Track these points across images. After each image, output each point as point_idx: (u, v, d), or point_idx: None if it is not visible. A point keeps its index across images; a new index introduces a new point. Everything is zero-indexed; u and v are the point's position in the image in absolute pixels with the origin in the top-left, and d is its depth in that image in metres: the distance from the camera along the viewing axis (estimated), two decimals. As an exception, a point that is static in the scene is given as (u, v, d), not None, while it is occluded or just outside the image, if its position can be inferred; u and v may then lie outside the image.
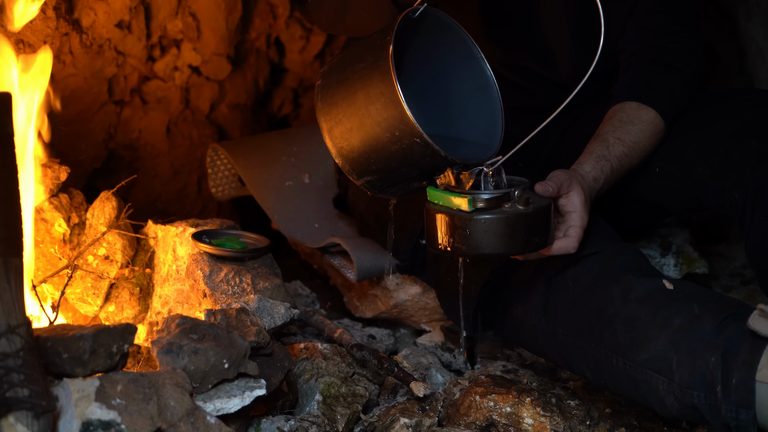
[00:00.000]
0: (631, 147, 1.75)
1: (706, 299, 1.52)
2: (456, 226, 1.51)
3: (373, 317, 2.21)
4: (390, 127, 1.46)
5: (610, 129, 1.77)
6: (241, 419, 1.52)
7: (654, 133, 1.80)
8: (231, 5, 2.61)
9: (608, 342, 1.56)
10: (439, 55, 1.62)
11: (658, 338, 1.49)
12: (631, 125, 1.78)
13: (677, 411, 1.49)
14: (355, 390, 1.73)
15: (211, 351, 1.46)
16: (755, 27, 2.38)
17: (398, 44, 1.48)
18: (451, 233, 1.52)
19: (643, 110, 1.80)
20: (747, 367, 1.39)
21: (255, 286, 1.78)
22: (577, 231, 1.60)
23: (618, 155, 1.73)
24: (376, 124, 1.47)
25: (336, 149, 1.54)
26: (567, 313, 1.62)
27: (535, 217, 1.53)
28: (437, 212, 1.53)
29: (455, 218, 1.51)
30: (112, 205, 1.92)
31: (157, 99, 2.61)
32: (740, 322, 1.43)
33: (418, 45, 1.60)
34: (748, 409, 1.38)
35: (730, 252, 2.52)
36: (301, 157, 2.42)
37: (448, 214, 1.52)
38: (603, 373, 1.58)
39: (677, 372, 1.46)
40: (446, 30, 1.60)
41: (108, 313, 1.91)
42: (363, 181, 1.55)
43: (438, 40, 1.61)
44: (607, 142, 1.74)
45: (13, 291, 1.31)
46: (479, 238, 1.50)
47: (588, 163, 1.69)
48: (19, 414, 1.26)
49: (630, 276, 1.58)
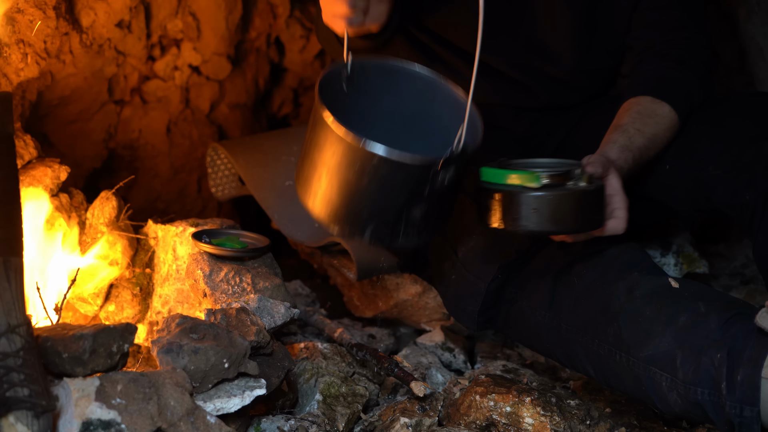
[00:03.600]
0: (650, 139, 1.75)
1: (712, 298, 1.53)
2: (521, 204, 1.47)
3: (373, 317, 2.21)
4: (349, 163, 1.43)
5: (629, 120, 1.76)
6: (241, 419, 1.52)
7: (670, 127, 1.79)
8: (231, 5, 2.61)
9: (612, 338, 1.56)
10: (396, 90, 1.62)
11: (662, 335, 1.49)
12: (649, 118, 1.77)
13: (680, 408, 1.49)
14: (355, 389, 1.73)
15: (211, 350, 1.46)
16: (755, 27, 2.38)
17: (345, 96, 1.52)
18: (516, 211, 1.47)
19: (658, 104, 1.79)
20: (753, 363, 1.39)
21: (255, 285, 1.78)
22: (624, 213, 1.59)
23: (639, 146, 1.72)
24: (338, 170, 1.44)
25: (326, 217, 1.50)
26: (572, 309, 1.63)
27: (597, 194, 1.52)
28: (498, 190, 1.49)
29: (521, 196, 1.47)
30: (112, 205, 1.92)
31: (157, 99, 2.61)
32: (746, 321, 1.43)
33: (374, 89, 1.60)
34: (753, 405, 1.39)
35: (730, 252, 2.52)
36: (301, 156, 2.42)
37: (512, 192, 1.47)
38: (606, 369, 1.58)
39: (681, 368, 1.46)
40: (387, 72, 1.60)
41: (108, 313, 1.91)
42: (368, 235, 1.50)
43: (387, 82, 1.60)
44: (629, 133, 1.73)
45: (13, 291, 1.31)
46: (546, 215, 1.46)
47: (613, 151, 1.68)
48: (19, 413, 1.26)
49: (636, 273, 1.59)
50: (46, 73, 2.11)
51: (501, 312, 1.76)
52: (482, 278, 1.72)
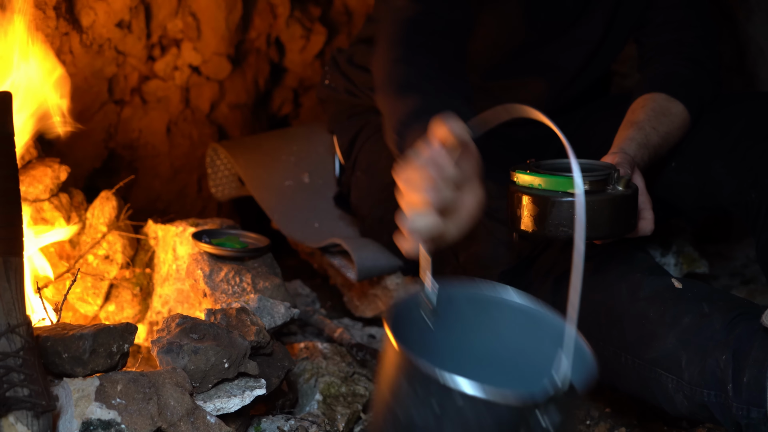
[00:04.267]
0: (664, 138, 1.75)
1: (716, 298, 1.52)
2: (562, 209, 1.43)
3: (373, 317, 2.21)
4: (424, 402, 1.11)
5: (645, 118, 1.75)
6: (241, 419, 1.52)
7: (682, 126, 1.80)
8: (231, 5, 2.61)
9: (616, 340, 1.55)
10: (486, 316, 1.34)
11: (667, 336, 1.48)
12: (664, 116, 1.77)
13: (687, 409, 1.48)
14: (356, 389, 1.73)
15: (211, 350, 1.46)
16: (755, 27, 2.38)
17: (422, 331, 1.25)
18: (555, 217, 1.44)
19: (672, 103, 1.79)
20: (758, 365, 1.37)
21: (255, 285, 1.78)
22: (650, 213, 1.60)
23: (654, 145, 1.72)
24: (412, 409, 1.13)
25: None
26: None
27: (634, 198, 1.51)
28: (534, 196, 1.45)
29: (562, 202, 1.44)
30: (112, 205, 1.92)
31: (157, 99, 2.61)
32: (751, 321, 1.42)
33: (462, 321, 1.32)
34: (760, 407, 1.37)
35: (730, 251, 2.52)
36: (301, 156, 2.42)
37: (551, 198, 1.44)
38: (612, 371, 1.58)
39: (687, 370, 1.45)
40: (480, 302, 1.33)
41: (108, 313, 1.91)
42: None
43: (478, 314, 1.33)
44: (645, 131, 1.72)
45: (13, 291, 1.31)
46: (587, 221, 1.44)
47: (631, 149, 1.67)
48: (19, 413, 1.26)
49: (638, 275, 1.58)
50: (46, 73, 2.11)
51: None
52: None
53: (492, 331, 1.33)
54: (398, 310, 1.24)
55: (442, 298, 1.29)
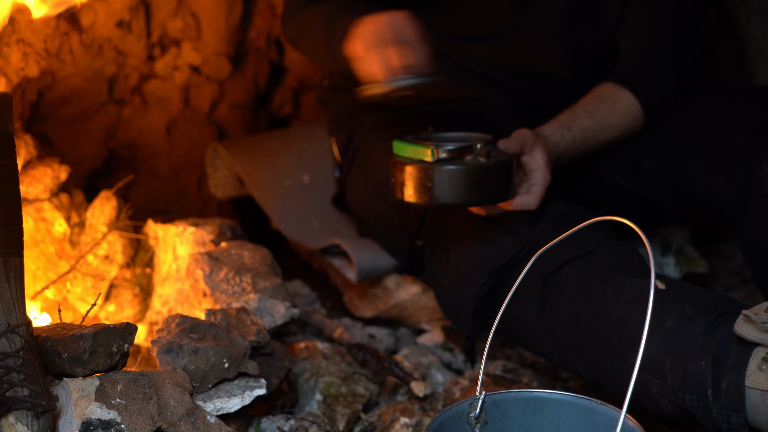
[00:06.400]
0: (598, 122, 1.78)
1: (698, 298, 1.51)
2: (418, 177, 1.54)
3: (373, 317, 2.20)
4: None
5: (581, 103, 1.81)
6: (241, 419, 1.52)
7: (626, 113, 1.82)
8: (231, 5, 2.61)
9: (602, 343, 1.55)
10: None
11: (650, 340, 1.48)
12: (603, 102, 1.81)
13: (671, 413, 1.48)
14: (355, 389, 1.73)
15: (211, 350, 1.46)
16: (755, 26, 2.38)
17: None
18: (414, 184, 1.54)
19: (617, 90, 1.82)
20: (735, 371, 1.38)
21: (255, 285, 1.78)
22: (540, 189, 1.64)
23: (582, 127, 1.76)
24: None
25: None
26: (562, 314, 1.62)
27: (495, 169, 1.56)
28: (400, 163, 1.55)
29: (418, 169, 1.54)
30: (112, 205, 1.92)
31: (157, 98, 2.61)
32: (730, 324, 1.42)
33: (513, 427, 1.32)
34: (739, 412, 1.37)
35: (730, 251, 2.52)
36: (301, 156, 2.42)
37: (411, 165, 1.54)
38: (598, 373, 1.58)
39: (669, 375, 1.46)
40: (530, 405, 1.31)
41: (108, 313, 1.91)
42: None
43: (530, 417, 1.31)
44: (575, 114, 1.78)
45: (13, 291, 1.31)
46: (441, 189, 1.52)
47: (550, 127, 1.74)
48: (19, 413, 1.26)
49: (622, 277, 1.58)
50: (47, 73, 2.11)
51: (496, 315, 1.76)
52: (474, 283, 1.72)
53: (547, 429, 1.31)
54: (442, 425, 1.23)
55: (488, 403, 1.28)
